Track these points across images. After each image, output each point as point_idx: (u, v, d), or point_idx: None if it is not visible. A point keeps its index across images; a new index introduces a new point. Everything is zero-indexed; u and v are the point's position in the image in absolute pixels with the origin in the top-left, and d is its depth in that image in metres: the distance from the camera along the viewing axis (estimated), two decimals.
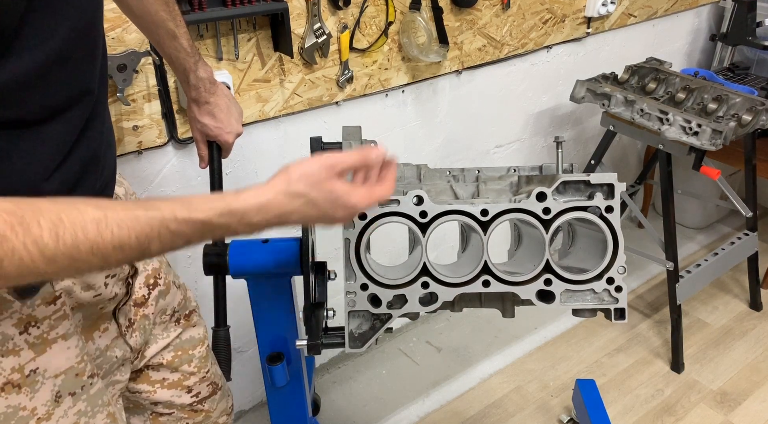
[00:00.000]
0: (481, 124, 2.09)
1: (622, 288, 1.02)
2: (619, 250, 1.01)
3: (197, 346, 1.13)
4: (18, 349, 0.78)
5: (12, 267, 0.57)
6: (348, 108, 1.72)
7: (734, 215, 2.90)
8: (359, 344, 1.05)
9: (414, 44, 1.68)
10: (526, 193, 1.01)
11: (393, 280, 0.99)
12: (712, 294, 2.51)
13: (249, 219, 0.70)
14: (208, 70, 1.13)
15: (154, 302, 1.02)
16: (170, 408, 1.12)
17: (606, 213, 0.99)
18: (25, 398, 0.80)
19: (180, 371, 1.10)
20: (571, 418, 1.96)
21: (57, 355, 0.83)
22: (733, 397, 2.06)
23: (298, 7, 1.47)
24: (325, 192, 0.72)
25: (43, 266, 0.58)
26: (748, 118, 1.83)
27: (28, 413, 0.81)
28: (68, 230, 0.59)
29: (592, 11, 2.11)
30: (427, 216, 0.97)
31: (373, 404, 2.03)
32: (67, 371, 0.85)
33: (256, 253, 1.20)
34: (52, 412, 0.83)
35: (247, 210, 0.69)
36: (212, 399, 1.17)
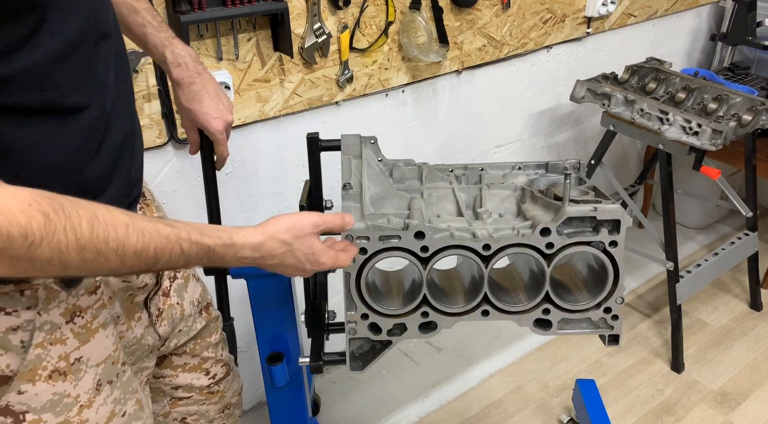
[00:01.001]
0: (481, 124, 2.09)
1: (619, 317, 1.03)
2: (619, 282, 1.00)
3: (213, 333, 1.17)
4: (65, 338, 0.81)
5: (48, 249, 0.60)
6: (348, 108, 1.72)
7: (734, 214, 2.90)
8: (360, 365, 1.09)
9: (414, 44, 1.68)
10: (530, 225, 0.99)
11: (393, 310, 1.01)
12: (712, 294, 2.51)
13: (242, 254, 0.80)
14: (187, 48, 1.06)
15: (175, 294, 1.06)
16: (189, 391, 1.16)
17: (610, 247, 0.98)
18: (69, 385, 0.83)
19: (200, 357, 1.15)
20: (571, 418, 1.96)
21: (99, 344, 0.86)
22: (733, 397, 2.06)
23: (298, 7, 1.47)
24: (305, 246, 0.84)
25: (74, 254, 0.62)
26: (748, 118, 1.83)
27: (72, 400, 0.84)
28: (101, 225, 0.64)
29: (592, 11, 2.11)
30: (428, 251, 0.96)
31: (373, 404, 2.03)
32: (106, 360, 0.88)
33: None
34: (93, 400, 0.86)
35: (245, 246, 0.79)
36: (226, 380, 1.22)
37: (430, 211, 1.10)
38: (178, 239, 0.72)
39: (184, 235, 0.73)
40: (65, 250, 0.61)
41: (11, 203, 0.58)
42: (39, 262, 0.60)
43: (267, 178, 1.67)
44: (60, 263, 0.62)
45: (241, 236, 0.79)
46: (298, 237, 0.84)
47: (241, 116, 1.52)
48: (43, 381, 0.80)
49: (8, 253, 0.58)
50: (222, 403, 1.22)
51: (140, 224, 0.68)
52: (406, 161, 1.15)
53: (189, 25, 1.29)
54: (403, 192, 1.13)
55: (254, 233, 0.80)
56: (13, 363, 0.78)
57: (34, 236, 0.59)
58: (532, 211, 1.03)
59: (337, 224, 0.90)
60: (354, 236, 0.95)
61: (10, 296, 0.75)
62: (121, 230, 0.66)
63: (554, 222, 0.95)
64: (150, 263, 0.70)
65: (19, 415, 0.80)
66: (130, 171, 0.87)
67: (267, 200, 1.69)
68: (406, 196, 1.12)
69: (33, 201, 0.59)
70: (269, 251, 0.82)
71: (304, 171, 1.73)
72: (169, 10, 1.29)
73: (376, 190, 1.10)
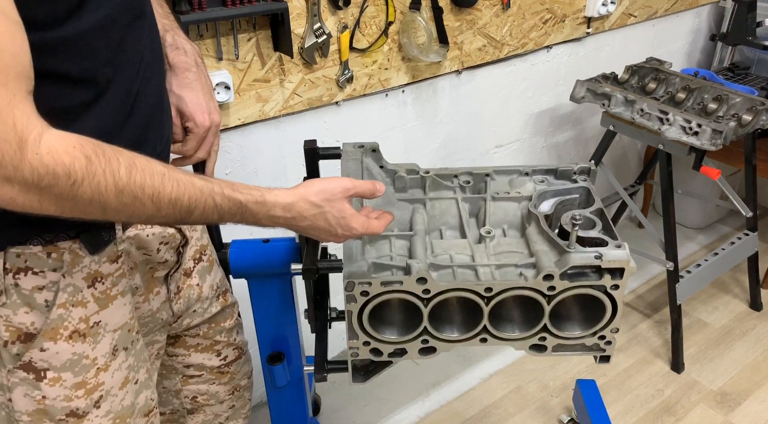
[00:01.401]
0: (481, 124, 2.09)
1: (612, 342, 1.05)
2: (616, 317, 1.00)
3: (228, 318, 1.20)
4: (86, 301, 0.86)
5: (89, 189, 0.65)
6: (348, 108, 1.72)
7: (734, 215, 2.90)
8: (362, 377, 1.10)
9: (414, 44, 1.68)
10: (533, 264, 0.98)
11: (394, 339, 1.02)
12: (712, 294, 2.51)
13: (274, 212, 0.82)
14: (189, 41, 1.03)
15: (197, 276, 1.09)
16: (200, 370, 1.20)
17: (611, 290, 0.97)
18: (88, 347, 0.88)
19: (212, 339, 1.18)
20: (571, 418, 1.96)
21: (117, 311, 0.90)
22: (733, 397, 2.06)
23: (298, 7, 1.47)
24: (335, 210, 0.85)
25: (112, 197, 0.67)
26: (748, 118, 1.83)
27: (90, 362, 0.89)
28: (139, 172, 0.68)
29: (592, 11, 2.11)
30: (430, 293, 0.96)
31: (373, 404, 2.03)
32: (123, 327, 0.92)
33: (256, 253, 1.21)
34: (109, 364, 0.91)
35: (276, 205, 0.82)
36: (237, 363, 1.25)
37: (432, 224, 1.09)
38: (211, 192, 0.75)
39: (217, 189, 0.76)
40: (104, 191, 0.66)
41: (58, 145, 0.63)
42: (81, 201, 0.65)
43: (267, 178, 1.67)
44: (100, 205, 0.67)
45: (272, 195, 0.81)
46: (329, 200, 0.85)
47: (241, 116, 1.52)
48: (64, 341, 0.85)
49: (54, 190, 0.63)
50: (232, 384, 1.25)
51: (176, 175, 0.72)
52: (409, 168, 1.11)
53: (189, 25, 1.29)
54: (406, 203, 1.11)
55: (286, 194, 0.83)
56: (38, 321, 0.83)
57: (77, 175, 0.64)
58: (536, 243, 1.01)
59: (367, 188, 0.90)
60: (356, 281, 0.94)
61: (38, 257, 0.80)
62: (157, 178, 0.70)
63: (558, 267, 0.94)
64: (185, 213, 0.74)
65: (40, 372, 0.85)
66: (156, 146, 0.90)
67: None
68: (409, 208, 1.10)
69: (78, 144, 0.64)
70: (300, 212, 0.84)
71: (303, 171, 1.72)
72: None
73: (377, 200, 1.08)
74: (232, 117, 1.51)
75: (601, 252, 0.94)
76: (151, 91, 0.87)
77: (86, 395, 0.89)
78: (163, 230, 0.95)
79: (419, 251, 1.00)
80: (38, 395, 0.86)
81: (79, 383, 0.88)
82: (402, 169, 1.11)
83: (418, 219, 1.07)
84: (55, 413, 0.88)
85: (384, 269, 0.98)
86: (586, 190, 1.09)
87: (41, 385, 0.86)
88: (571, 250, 0.94)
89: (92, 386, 0.89)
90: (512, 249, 1.04)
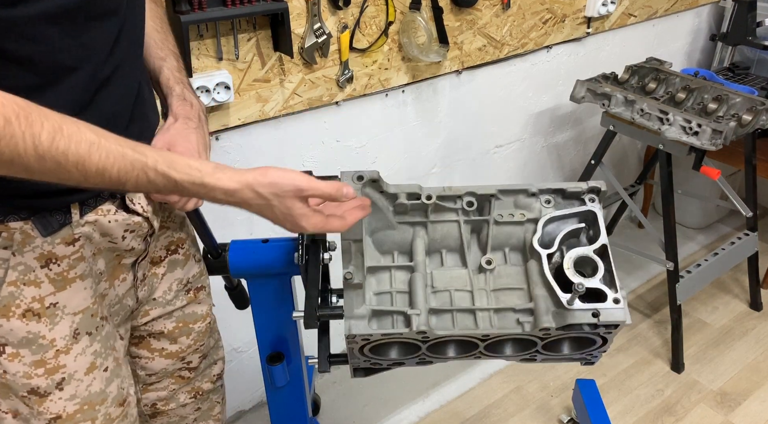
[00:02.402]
0: (481, 124, 2.09)
1: (599, 356, 1.09)
2: (607, 345, 1.03)
3: (198, 321, 1.17)
4: (39, 281, 0.86)
5: (6, 150, 0.65)
6: (348, 108, 1.72)
7: (734, 215, 2.90)
8: (363, 373, 1.11)
9: (414, 44, 1.68)
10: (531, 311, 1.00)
11: (394, 358, 1.05)
12: (712, 294, 2.51)
13: (215, 195, 0.79)
14: (198, 98, 1.03)
15: (167, 265, 1.08)
16: (161, 377, 1.18)
17: (605, 333, 1.00)
18: (44, 327, 0.88)
19: (179, 343, 1.16)
20: (571, 418, 1.96)
21: (75, 294, 0.90)
22: (733, 397, 2.06)
23: (298, 7, 1.47)
24: (283, 206, 0.82)
25: (33, 161, 0.67)
26: (748, 118, 1.83)
27: (48, 342, 0.89)
28: (63, 139, 0.68)
29: (592, 11, 2.11)
30: (429, 339, 0.98)
31: (373, 404, 2.03)
32: (85, 311, 0.92)
33: (256, 253, 1.20)
34: (71, 347, 0.91)
35: (216, 188, 0.78)
36: (198, 368, 1.23)
37: (433, 246, 1.08)
38: (144, 167, 0.73)
39: (151, 163, 0.74)
40: (23, 154, 0.66)
41: None
42: (3, 160, 0.66)
43: None
44: (22, 166, 0.67)
45: (214, 179, 0.77)
46: (278, 195, 0.81)
47: (241, 116, 1.52)
48: (17, 318, 0.85)
49: None
50: (191, 386, 1.24)
51: (107, 145, 0.71)
52: (410, 192, 1.05)
53: (189, 25, 1.29)
54: (406, 226, 1.08)
55: (231, 180, 0.78)
56: None
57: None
58: (536, 286, 1.02)
59: (327, 192, 0.83)
60: (357, 335, 0.96)
61: None
62: (84, 146, 0.69)
63: (555, 322, 0.96)
64: (116, 183, 0.73)
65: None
66: None
67: None
68: (410, 230, 1.08)
69: (2, 102, 0.64)
70: (245, 199, 0.80)
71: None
72: (169, 11, 1.29)
73: (377, 225, 1.07)
74: (232, 117, 1.51)
75: (599, 309, 0.96)
76: (118, 89, 0.86)
77: (46, 375, 0.90)
78: (128, 217, 0.93)
79: (419, 295, 1.00)
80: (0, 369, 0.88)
81: (37, 361, 0.89)
82: (403, 194, 1.05)
83: (419, 246, 1.06)
84: (17, 389, 0.90)
85: (384, 315, 1.00)
86: (593, 216, 1.06)
87: (1, 360, 0.87)
88: (570, 307, 0.96)
89: (52, 366, 0.90)
90: (512, 284, 1.05)
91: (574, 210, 1.06)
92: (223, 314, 1.79)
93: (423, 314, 0.96)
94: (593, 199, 1.06)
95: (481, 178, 2.21)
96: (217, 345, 1.27)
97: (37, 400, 0.91)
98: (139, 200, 0.95)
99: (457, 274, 1.06)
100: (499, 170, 2.26)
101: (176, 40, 1.29)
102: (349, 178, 1.03)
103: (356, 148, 1.81)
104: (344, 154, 1.79)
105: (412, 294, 1.02)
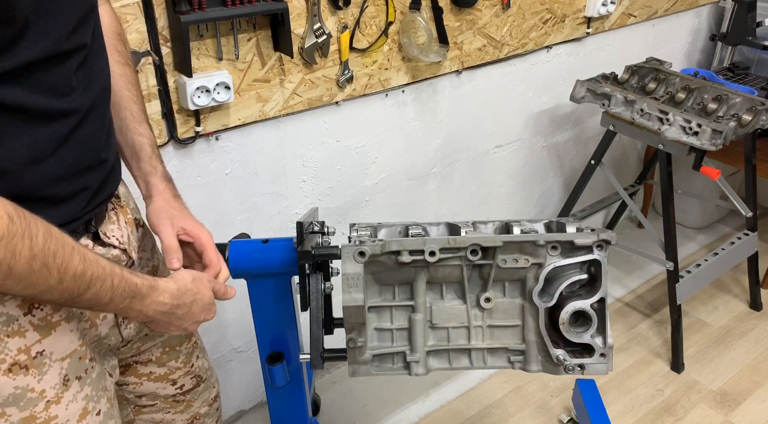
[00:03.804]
0: (481, 124, 2.09)
1: None
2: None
3: (184, 342, 1.16)
4: (23, 330, 0.80)
5: (3, 250, 0.64)
6: (348, 108, 1.72)
7: (734, 215, 2.90)
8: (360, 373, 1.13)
9: (414, 44, 1.68)
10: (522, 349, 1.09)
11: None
12: (712, 294, 2.51)
13: (162, 299, 0.87)
14: (165, 180, 1.07)
15: None
16: (154, 400, 1.15)
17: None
18: (33, 379, 0.82)
19: (167, 367, 1.13)
20: (571, 418, 1.96)
21: (61, 337, 0.85)
22: (733, 397, 2.06)
23: (298, 7, 1.47)
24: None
25: (23, 261, 0.66)
26: (748, 118, 1.83)
27: (37, 395, 0.82)
28: (54, 240, 0.70)
29: (592, 11, 2.11)
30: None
31: (373, 404, 2.03)
32: (72, 355, 0.87)
33: (255, 253, 1.20)
34: (61, 395, 0.85)
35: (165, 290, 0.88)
36: (195, 391, 1.20)
37: (434, 280, 1.08)
38: (112, 273, 0.77)
39: (117, 271, 0.79)
40: (18, 255, 0.65)
41: None
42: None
43: (267, 178, 1.67)
44: (8, 268, 0.65)
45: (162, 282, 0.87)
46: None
47: (241, 116, 1.52)
48: (2, 374, 0.79)
49: None
50: (189, 412, 1.21)
51: (83, 250, 0.74)
52: (413, 249, 1.03)
53: (189, 25, 1.29)
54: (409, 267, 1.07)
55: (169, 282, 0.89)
56: None
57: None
58: (530, 332, 1.08)
59: (220, 292, 1.00)
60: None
61: None
62: (68, 249, 0.71)
63: (544, 370, 1.08)
64: (81, 290, 0.75)
65: None
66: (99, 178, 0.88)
67: (267, 200, 1.69)
68: (411, 270, 1.07)
69: (1, 202, 0.64)
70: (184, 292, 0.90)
71: (304, 171, 1.73)
72: (169, 11, 1.29)
73: (378, 268, 1.07)
74: (232, 117, 1.51)
75: (584, 364, 1.06)
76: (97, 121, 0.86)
77: None
78: (106, 251, 0.91)
79: (419, 340, 1.07)
80: None
81: (26, 418, 0.82)
82: (406, 252, 1.03)
83: (420, 287, 1.06)
84: None
85: (385, 359, 1.08)
86: (598, 265, 1.05)
87: None
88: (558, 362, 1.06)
89: (43, 420, 0.83)
90: (508, 320, 1.09)
91: (580, 259, 1.05)
92: (223, 314, 1.79)
93: (422, 360, 1.06)
94: (601, 248, 1.05)
95: (480, 178, 2.21)
96: (211, 366, 1.25)
97: None
98: (113, 233, 0.93)
99: (455, 310, 1.08)
100: (499, 170, 2.26)
101: (176, 40, 1.30)
102: (351, 255, 1.00)
103: (356, 148, 1.81)
104: (344, 154, 1.79)
105: (411, 336, 1.07)
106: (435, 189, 2.09)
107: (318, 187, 1.79)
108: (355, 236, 1.08)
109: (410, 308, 1.07)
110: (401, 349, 1.07)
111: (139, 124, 1.02)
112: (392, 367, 1.08)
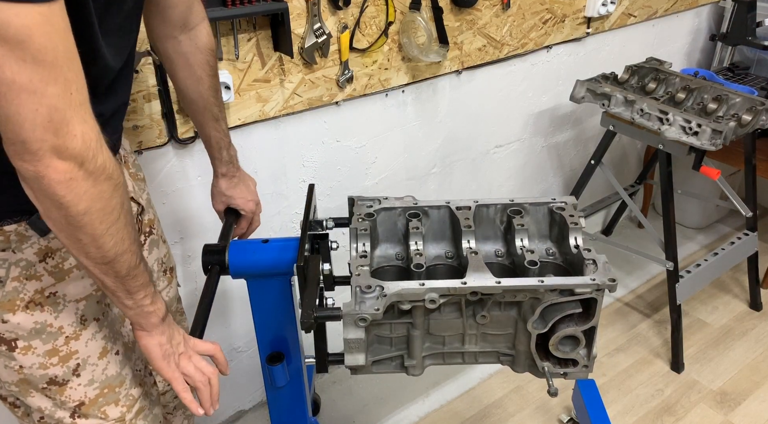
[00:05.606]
0: (481, 124, 2.09)
1: None
2: None
3: (174, 302, 1.28)
4: (39, 275, 0.90)
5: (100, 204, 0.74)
6: (348, 108, 1.72)
7: (734, 214, 2.90)
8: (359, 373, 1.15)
9: (414, 44, 1.68)
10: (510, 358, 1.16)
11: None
12: (712, 294, 2.51)
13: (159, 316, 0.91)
14: (234, 149, 1.27)
15: (148, 248, 1.16)
16: None
17: None
18: (49, 316, 0.91)
19: None
20: (571, 418, 1.96)
21: (74, 282, 0.93)
22: (733, 397, 2.06)
23: (298, 7, 1.47)
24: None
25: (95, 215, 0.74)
26: (748, 118, 1.83)
27: (56, 330, 0.92)
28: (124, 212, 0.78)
29: (592, 11, 2.11)
30: None
31: (373, 404, 2.03)
32: (88, 298, 0.95)
33: (255, 253, 1.20)
34: (80, 333, 0.95)
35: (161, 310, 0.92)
36: None
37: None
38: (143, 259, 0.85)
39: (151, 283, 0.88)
40: (123, 205, 0.76)
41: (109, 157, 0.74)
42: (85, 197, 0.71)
43: (267, 178, 1.67)
44: (117, 216, 0.75)
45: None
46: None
47: (241, 116, 1.52)
48: (21, 311, 0.89)
49: (85, 166, 0.69)
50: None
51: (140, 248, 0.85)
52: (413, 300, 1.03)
53: None
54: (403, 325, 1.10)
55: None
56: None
57: (116, 178, 0.74)
58: (521, 342, 1.12)
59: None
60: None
61: None
62: (130, 217, 0.80)
63: (531, 373, 1.14)
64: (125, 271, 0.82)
65: (11, 342, 0.90)
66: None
67: (267, 200, 1.69)
68: (405, 327, 1.11)
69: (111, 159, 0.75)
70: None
71: (304, 171, 1.73)
72: None
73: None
74: (233, 117, 1.51)
75: (568, 372, 1.13)
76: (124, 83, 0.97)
77: (61, 363, 0.93)
78: None
79: (416, 350, 1.11)
80: (15, 365, 0.92)
81: (50, 350, 0.92)
82: (406, 301, 1.04)
83: (418, 316, 1.09)
84: (36, 382, 0.93)
85: (383, 363, 1.12)
86: (594, 302, 1.05)
87: (15, 355, 0.91)
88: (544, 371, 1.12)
89: (65, 353, 0.93)
90: (500, 330, 1.12)
91: (578, 298, 1.05)
92: (223, 314, 1.79)
93: (419, 365, 1.12)
94: (600, 290, 1.04)
95: (480, 178, 2.21)
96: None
97: (58, 389, 0.95)
98: None
99: (452, 323, 1.10)
100: (499, 170, 2.26)
101: None
102: (352, 322, 1.01)
103: (356, 148, 1.81)
104: (344, 154, 1.79)
105: (410, 348, 1.11)
106: (435, 189, 2.09)
107: (318, 187, 1.79)
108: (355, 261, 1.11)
109: (409, 324, 1.09)
110: (399, 353, 1.11)
111: (216, 122, 1.20)
112: (390, 366, 1.13)
